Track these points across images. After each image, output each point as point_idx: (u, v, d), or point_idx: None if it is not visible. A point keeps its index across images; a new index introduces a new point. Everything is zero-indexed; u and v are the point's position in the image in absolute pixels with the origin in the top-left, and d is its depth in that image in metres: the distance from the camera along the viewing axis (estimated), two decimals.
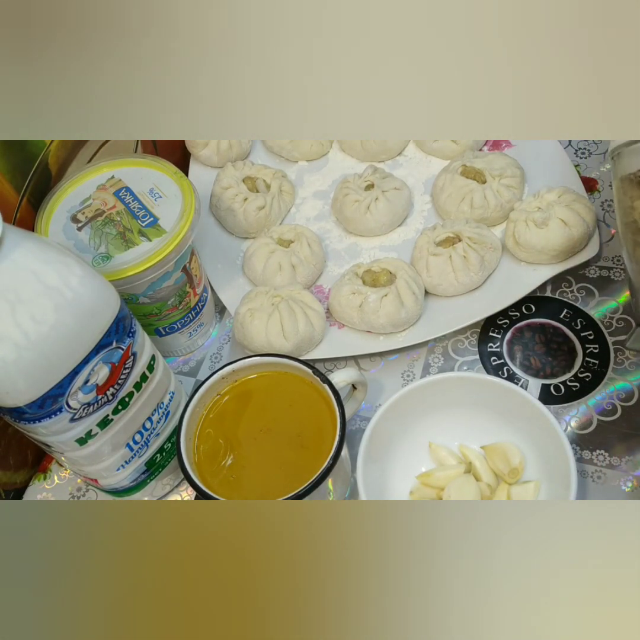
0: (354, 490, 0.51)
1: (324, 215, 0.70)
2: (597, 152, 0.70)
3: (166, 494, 0.56)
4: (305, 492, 0.43)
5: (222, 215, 0.67)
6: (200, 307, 0.61)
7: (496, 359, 0.59)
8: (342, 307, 0.59)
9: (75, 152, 0.58)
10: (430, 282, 0.60)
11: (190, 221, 0.52)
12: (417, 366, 0.60)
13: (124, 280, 0.50)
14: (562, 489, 0.46)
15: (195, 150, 0.73)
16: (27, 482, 0.59)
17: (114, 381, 0.44)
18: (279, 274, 0.62)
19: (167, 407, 0.51)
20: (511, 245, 0.61)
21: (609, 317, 0.59)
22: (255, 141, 0.76)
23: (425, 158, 0.72)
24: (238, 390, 0.50)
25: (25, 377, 0.38)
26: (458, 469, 0.51)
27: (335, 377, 0.49)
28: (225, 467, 0.47)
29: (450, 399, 0.51)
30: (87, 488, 0.58)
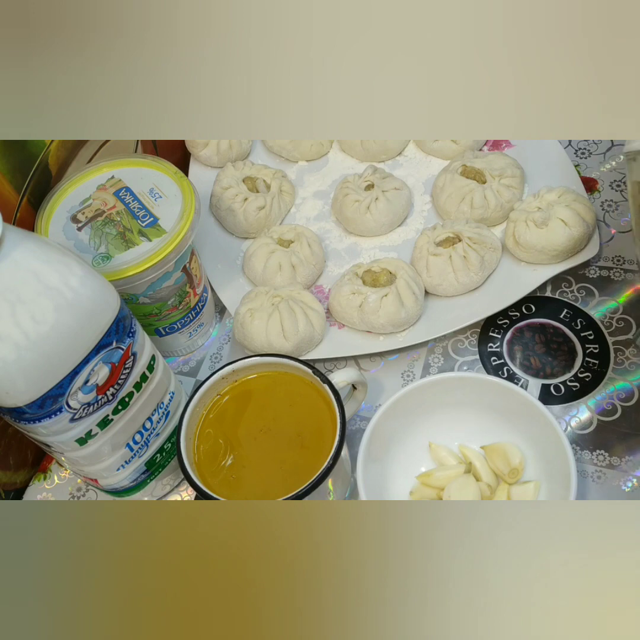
0: (354, 490, 0.51)
1: (324, 215, 0.70)
2: (597, 152, 0.70)
3: (166, 494, 0.56)
4: (305, 492, 0.43)
5: (222, 215, 0.67)
6: (200, 307, 0.61)
7: (496, 359, 0.59)
8: (342, 307, 0.59)
9: (75, 152, 0.58)
10: (430, 282, 0.60)
11: (190, 221, 0.52)
12: (417, 366, 0.60)
13: (124, 280, 0.50)
14: (562, 489, 0.46)
15: (195, 150, 0.73)
16: (27, 482, 0.59)
17: (114, 381, 0.44)
18: (279, 274, 0.62)
19: (167, 407, 0.51)
20: (511, 245, 0.61)
21: (609, 317, 0.59)
22: (255, 141, 0.76)
23: (425, 158, 0.72)
24: (238, 390, 0.50)
25: (25, 377, 0.38)
26: (458, 469, 0.51)
27: (335, 377, 0.49)
28: (225, 467, 0.47)
29: (450, 399, 0.51)
30: (87, 488, 0.58)
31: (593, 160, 0.70)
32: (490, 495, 0.50)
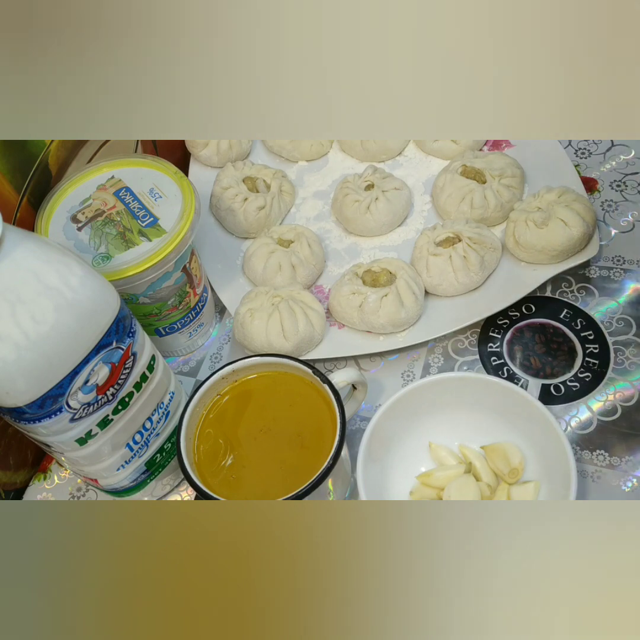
0: (354, 490, 0.51)
1: (324, 215, 0.70)
2: (597, 152, 0.70)
3: (166, 494, 0.56)
4: (305, 492, 0.43)
5: (222, 216, 0.67)
6: (200, 307, 0.61)
7: (496, 359, 0.59)
8: (342, 307, 0.59)
9: (75, 152, 0.58)
10: (430, 282, 0.60)
11: (190, 221, 0.52)
12: (417, 366, 0.59)
13: (124, 280, 0.50)
14: (562, 489, 0.46)
15: (195, 150, 0.73)
16: (27, 482, 0.59)
17: (114, 381, 0.44)
18: (279, 274, 0.62)
19: (167, 407, 0.51)
20: (511, 245, 0.61)
21: (609, 317, 0.59)
22: (255, 141, 0.76)
23: (425, 158, 0.72)
24: (238, 390, 0.50)
25: (25, 377, 0.38)
26: (458, 469, 0.51)
27: (335, 377, 0.49)
28: (225, 467, 0.47)
29: (450, 399, 0.51)
30: (87, 488, 0.58)
31: (593, 160, 0.70)
32: (490, 495, 0.50)
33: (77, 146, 0.58)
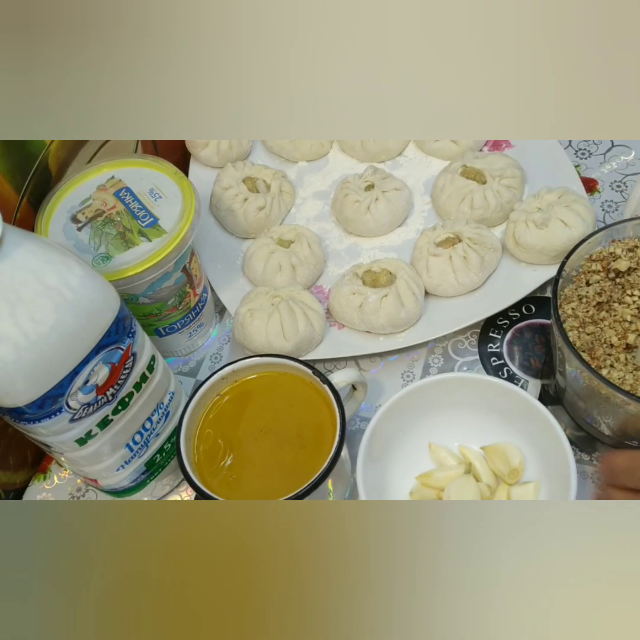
0: (354, 490, 0.51)
1: (324, 215, 0.70)
2: (597, 152, 0.70)
3: (166, 494, 0.56)
4: (305, 492, 0.43)
5: (222, 216, 0.67)
6: (200, 308, 0.61)
7: (496, 359, 0.59)
8: (342, 307, 0.59)
9: (75, 152, 0.58)
10: (431, 283, 0.60)
11: (190, 221, 0.52)
12: (417, 366, 0.59)
13: (124, 281, 0.50)
14: (562, 490, 0.46)
15: (195, 150, 0.73)
16: (27, 482, 0.59)
17: (113, 381, 0.43)
18: (279, 274, 0.62)
19: (167, 407, 0.51)
20: (511, 245, 0.61)
21: None
22: (255, 141, 0.76)
23: (425, 158, 0.72)
24: (238, 391, 0.50)
25: (25, 377, 0.38)
26: (458, 469, 0.51)
27: (335, 377, 0.49)
28: (225, 467, 0.47)
29: (450, 400, 0.51)
30: (87, 488, 0.58)
31: (593, 160, 0.70)
32: (490, 495, 0.50)
33: (77, 146, 0.58)
